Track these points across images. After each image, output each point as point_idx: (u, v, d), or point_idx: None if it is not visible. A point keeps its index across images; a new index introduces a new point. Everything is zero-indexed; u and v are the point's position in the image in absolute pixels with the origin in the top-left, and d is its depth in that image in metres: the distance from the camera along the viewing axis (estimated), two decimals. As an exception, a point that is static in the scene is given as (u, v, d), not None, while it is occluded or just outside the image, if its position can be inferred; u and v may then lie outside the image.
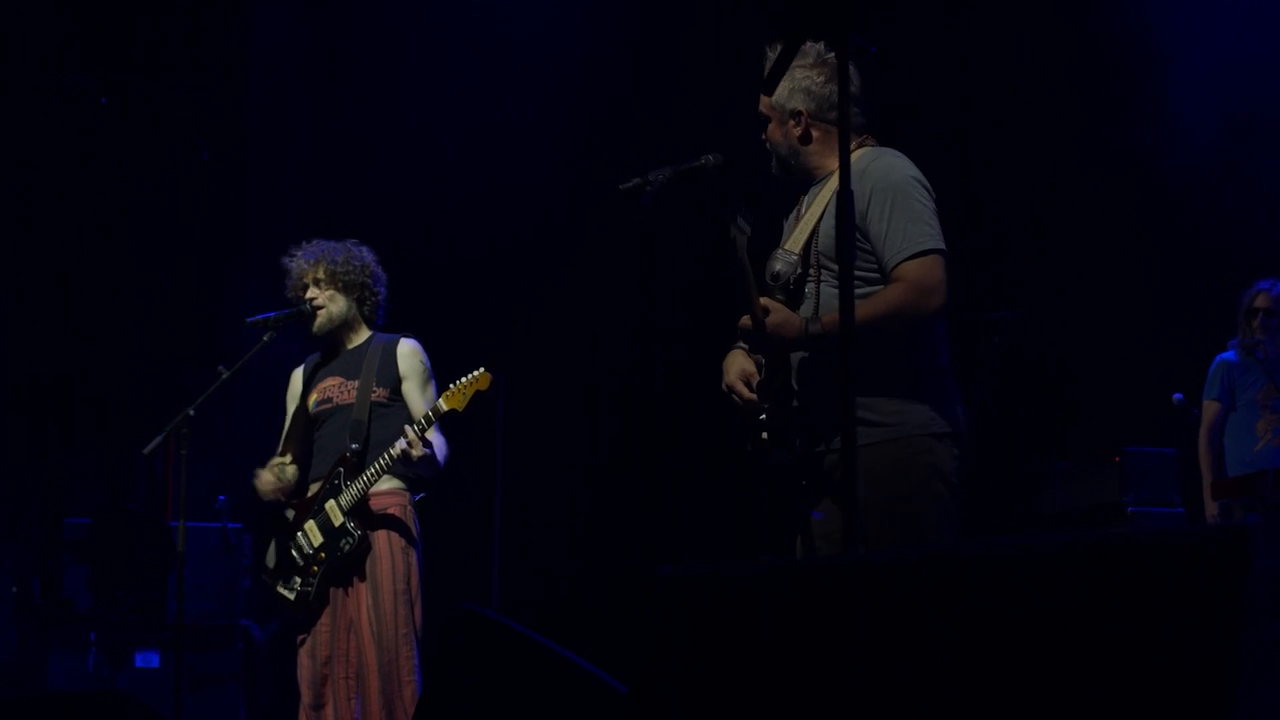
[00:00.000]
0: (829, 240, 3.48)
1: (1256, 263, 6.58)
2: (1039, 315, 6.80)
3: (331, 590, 4.78)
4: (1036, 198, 7.36)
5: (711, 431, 7.35)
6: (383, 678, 4.65)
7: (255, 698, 6.86)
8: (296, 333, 5.07)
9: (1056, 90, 7.38)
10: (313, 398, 4.97)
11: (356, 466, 4.76)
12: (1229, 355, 6.52)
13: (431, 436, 4.70)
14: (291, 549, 4.83)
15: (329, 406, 4.92)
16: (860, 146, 3.55)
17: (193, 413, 4.97)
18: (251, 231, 7.63)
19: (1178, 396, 6.59)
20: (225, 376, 5.01)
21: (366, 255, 5.06)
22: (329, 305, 4.96)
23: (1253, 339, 6.37)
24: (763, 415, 3.48)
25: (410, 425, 4.65)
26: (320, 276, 4.97)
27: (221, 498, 6.91)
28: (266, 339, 4.98)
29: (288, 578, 4.83)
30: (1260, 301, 6.38)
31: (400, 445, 4.61)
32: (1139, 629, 1.97)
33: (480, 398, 4.69)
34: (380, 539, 4.76)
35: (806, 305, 3.49)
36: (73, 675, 6.52)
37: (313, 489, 4.90)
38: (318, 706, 4.77)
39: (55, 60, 7.48)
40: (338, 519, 4.75)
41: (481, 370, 4.67)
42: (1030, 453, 7.27)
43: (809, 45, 3.54)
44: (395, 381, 4.89)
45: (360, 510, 4.75)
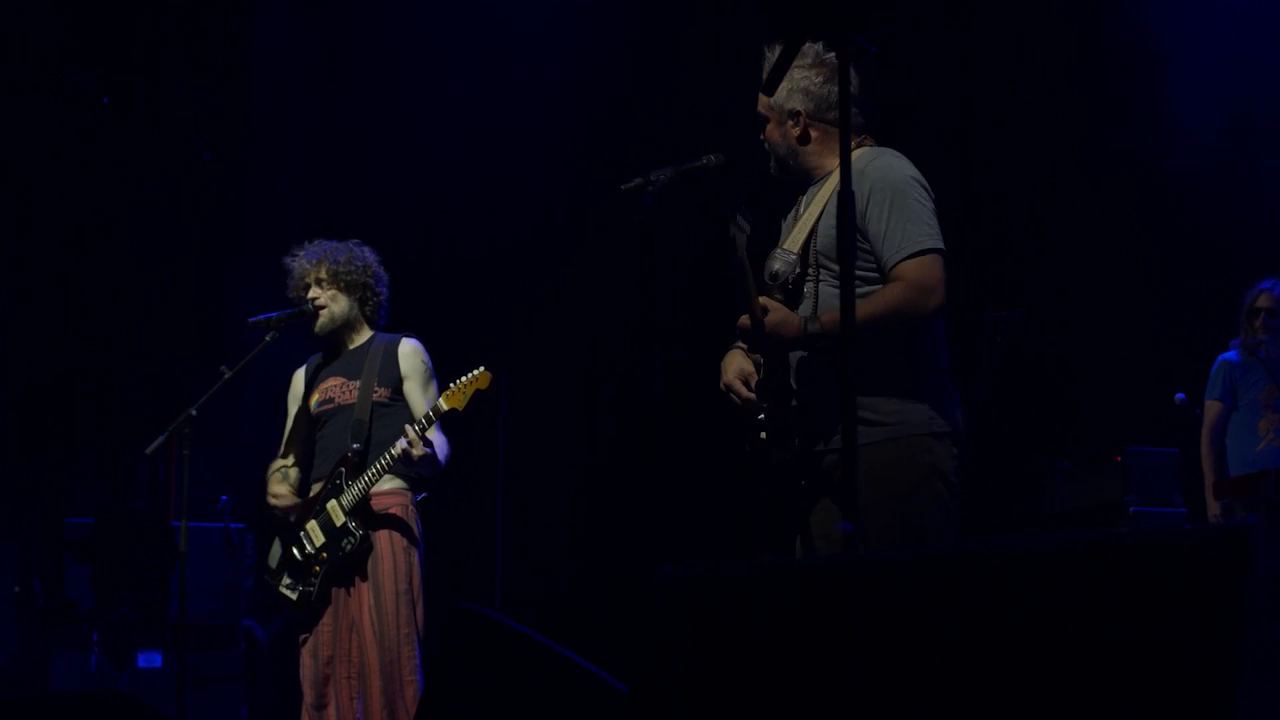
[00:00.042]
0: (827, 240, 3.48)
1: (1258, 262, 6.58)
2: (1040, 315, 6.80)
3: (333, 590, 4.78)
4: (1036, 198, 7.35)
5: (712, 431, 7.35)
6: (384, 678, 4.65)
7: (257, 698, 6.86)
8: (298, 333, 5.07)
9: (1057, 90, 7.38)
10: (314, 398, 4.97)
11: (358, 466, 4.77)
12: (1231, 355, 6.52)
13: (432, 436, 4.71)
14: (294, 549, 4.84)
15: (331, 407, 4.92)
16: (859, 146, 3.55)
17: (195, 413, 4.97)
18: (253, 231, 7.63)
19: (1180, 396, 6.58)
20: (227, 376, 5.01)
21: (368, 255, 5.06)
22: (331, 305, 4.96)
23: (1255, 339, 6.37)
24: (761, 415, 3.49)
25: (411, 425, 4.65)
26: (322, 276, 4.97)
27: (224, 497, 6.91)
28: (268, 339, 4.98)
29: (290, 578, 4.83)
30: (1262, 301, 6.38)
31: (401, 445, 4.61)
32: (1139, 629, 1.97)
33: (481, 397, 4.69)
34: (382, 539, 4.76)
35: (805, 305, 3.49)
36: (75, 675, 6.52)
37: (315, 489, 4.90)
38: (320, 706, 4.77)
39: (57, 60, 7.49)
40: (339, 519, 4.75)
41: (481, 369, 4.67)
42: (1032, 453, 7.26)
43: (807, 45, 3.54)
44: (397, 381, 4.89)
45: (362, 510, 4.75)
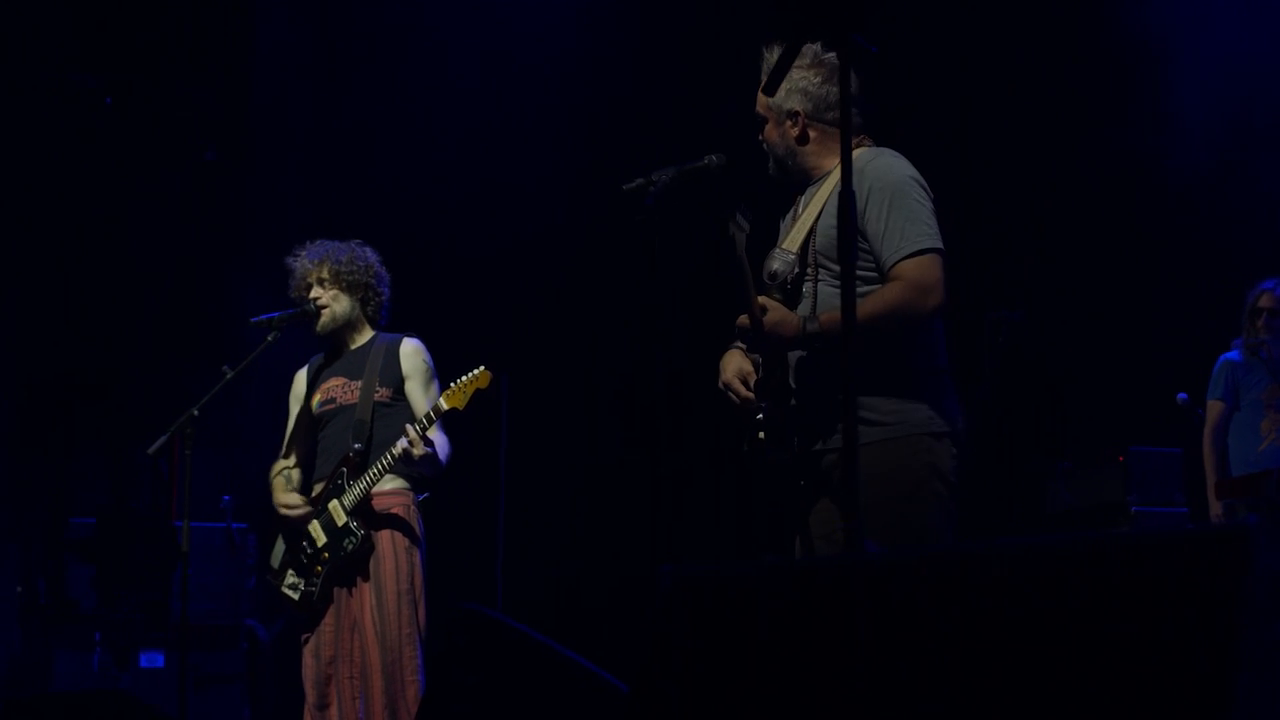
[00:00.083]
0: (826, 239, 3.48)
1: (1260, 262, 6.58)
2: (1042, 315, 6.80)
3: (335, 590, 4.78)
4: (1037, 198, 7.35)
5: (713, 432, 7.35)
6: (386, 678, 4.65)
7: (260, 697, 6.86)
8: (300, 333, 5.07)
9: (1057, 90, 7.38)
10: (316, 398, 4.97)
11: (359, 466, 4.77)
12: (1233, 355, 6.51)
13: (433, 435, 4.71)
14: (296, 549, 4.84)
15: (333, 407, 4.92)
16: (857, 146, 3.55)
17: (197, 413, 4.97)
18: (255, 231, 7.64)
19: (1182, 396, 6.58)
20: (229, 376, 5.02)
21: (370, 255, 5.06)
22: (332, 305, 4.97)
23: (1257, 339, 6.37)
24: (760, 414, 3.49)
25: (411, 424, 4.65)
26: (324, 276, 4.97)
27: (226, 497, 6.91)
28: (270, 339, 4.98)
29: (292, 578, 4.83)
30: (1264, 301, 6.38)
31: (401, 444, 4.61)
32: (1139, 629, 1.97)
33: (481, 396, 4.69)
34: (384, 539, 4.76)
35: (804, 304, 3.49)
36: (77, 675, 6.53)
37: (316, 489, 4.90)
38: (322, 706, 4.77)
39: (59, 60, 7.49)
40: (341, 519, 4.75)
41: (481, 369, 4.67)
42: (1034, 453, 7.26)
43: (806, 46, 3.54)
44: (398, 381, 4.89)
45: (363, 510, 4.75)
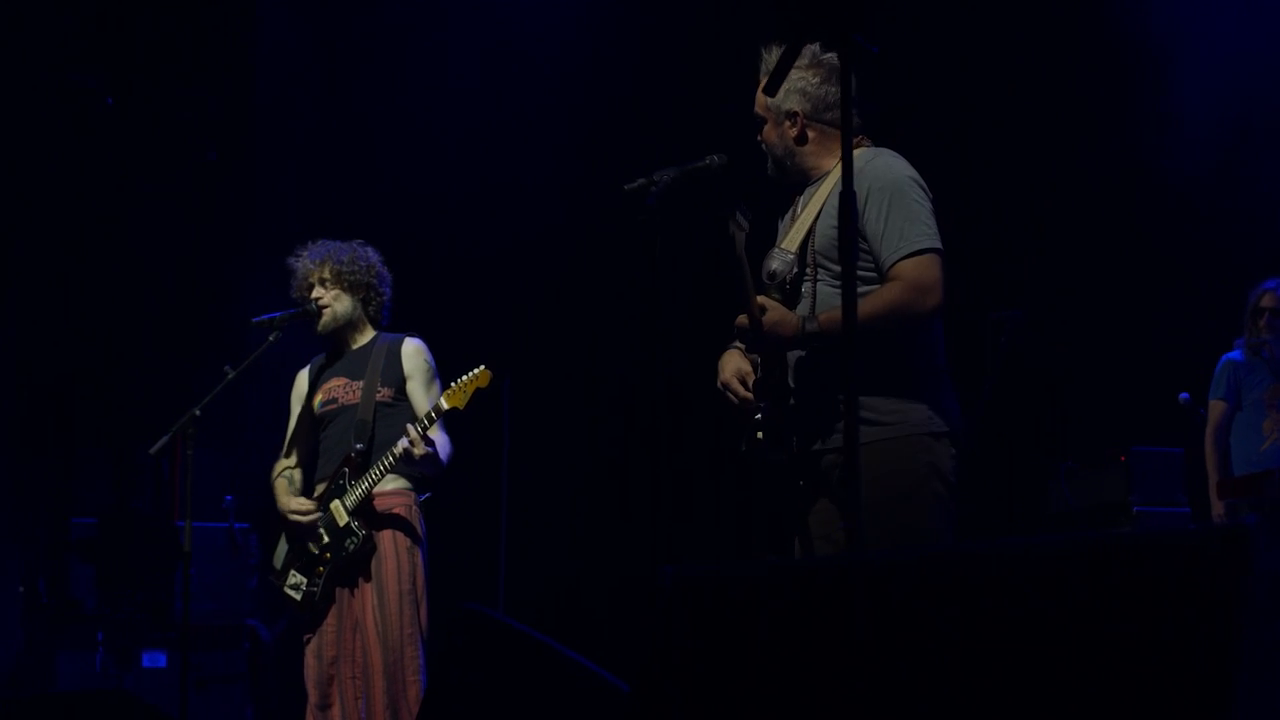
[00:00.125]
0: (825, 239, 3.48)
1: (1262, 262, 6.57)
2: (1044, 315, 6.79)
3: (337, 590, 4.77)
4: (1037, 198, 7.34)
5: (714, 432, 7.35)
6: (387, 678, 4.65)
7: (262, 698, 6.87)
8: (302, 333, 5.07)
9: (1057, 90, 7.37)
10: (318, 398, 4.97)
11: (361, 466, 4.77)
12: (1235, 355, 6.51)
13: (434, 435, 4.70)
14: (297, 549, 4.84)
15: (334, 407, 4.92)
16: (856, 147, 3.55)
17: (199, 413, 4.97)
18: (257, 231, 7.64)
19: (1184, 396, 6.58)
20: (231, 376, 5.02)
21: (372, 255, 5.06)
22: (334, 305, 4.96)
23: (1259, 338, 6.37)
24: (758, 414, 3.48)
25: (412, 424, 4.65)
26: (326, 276, 4.97)
27: (228, 498, 6.92)
28: (272, 339, 4.98)
29: (294, 578, 4.83)
30: (1266, 301, 6.37)
31: (402, 444, 4.61)
32: (1139, 629, 1.97)
33: (482, 396, 4.69)
34: (385, 539, 4.76)
35: (803, 304, 3.49)
36: (80, 675, 6.54)
37: (318, 489, 4.90)
38: (324, 706, 4.76)
39: (61, 60, 7.50)
40: (343, 519, 4.75)
41: (482, 368, 4.67)
42: (1036, 452, 7.26)
43: (804, 46, 3.54)
44: (400, 381, 4.89)
45: (365, 510, 4.75)
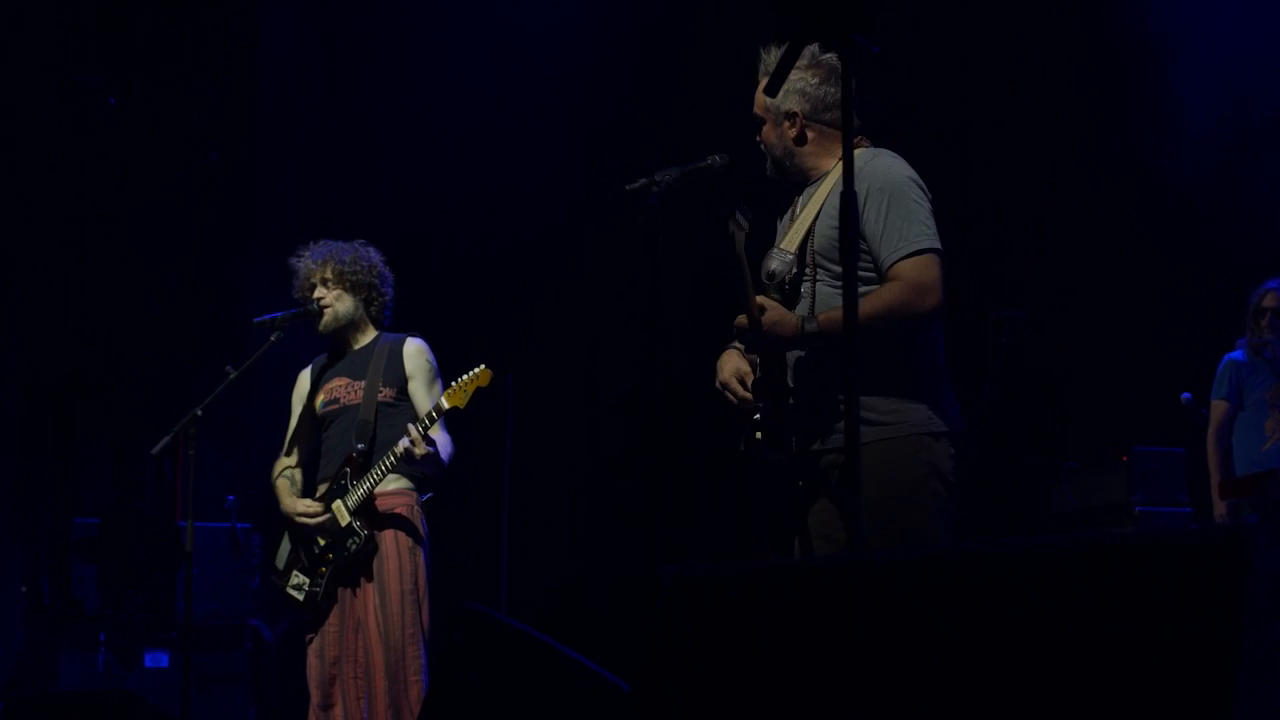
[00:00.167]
0: (825, 240, 3.49)
1: (1263, 262, 6.57)
2: (1045, 315, 6.79)
3: (339, 590, 4.78)
4: (1038, 198, 7.34)
5: (715, 432, 7.34)
6: (389, 678, 4.65)
7: (264, 697, 6.87)
8: (304, 333, 5.07)
9: (1057, 90, 7.37)
10: (320, 398, 4.97)
11: (362, 466, 4.77)
12: (1237, 354, 6.51)
13: (435, 435, 4.70)
14: (299, 549, 4.84)
15: (336, 407, 4.93)
16: (855, 147, 3.55)
17: (200, 413, 4.98)
18: (259, 232, 7.65)
19: (1186, 396, 6.58)
20: (233, 376, 5.02)
21: (374, 255, 5.06)
22: (336, 305, 4.96)
23: (1261, 338, 6.36)
24: (757, 414, 3.49)
25: (413, 424, 4.65)
26: (328, 276, 4.97)
27: (230, 497, 6.92)
28: (274, 339, 4.99)
29: (296, 578, 4.83)
30: (1269, 301, 6.37)
31: (403, 444, 4.61)
32: (1140, 629, 1.97)
33: (483, 395, 4.69)
34: (387, 539, 4.76)
35: (802, 304, 3.49)
36: (82, 675, 6.54)
37: (320, 489, 4.90)
38: (326, 706, 4.77)
39: (63, 60, 7.51)
40: (344, 519, 4.76)
41: (482, 367, 4.67)
42: (1036, 452, 7.26)
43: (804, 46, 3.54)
44: (401, 381, 4.89)
45: (367, 510, 4.75)
